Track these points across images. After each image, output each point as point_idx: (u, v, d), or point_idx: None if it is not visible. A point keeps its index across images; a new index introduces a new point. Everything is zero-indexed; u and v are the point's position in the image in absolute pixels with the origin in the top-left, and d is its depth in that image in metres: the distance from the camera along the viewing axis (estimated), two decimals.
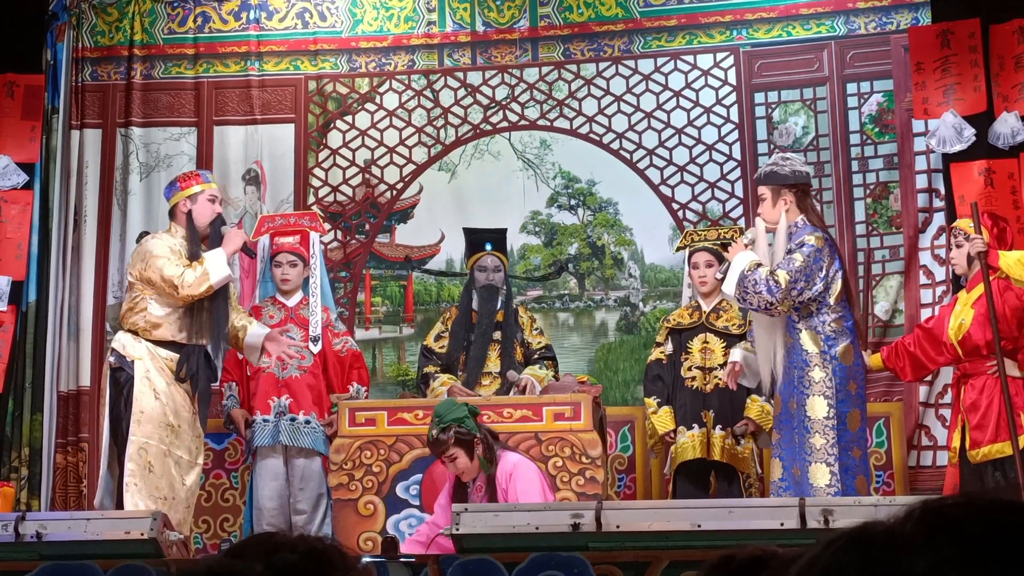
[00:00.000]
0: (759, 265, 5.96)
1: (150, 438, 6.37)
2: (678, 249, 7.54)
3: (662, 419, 7.00)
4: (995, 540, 1.19)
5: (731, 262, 6.10)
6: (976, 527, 1.20)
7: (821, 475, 5.81)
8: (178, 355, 6.49)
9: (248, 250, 6.82)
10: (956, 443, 6.47)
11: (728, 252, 6.35)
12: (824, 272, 5.94)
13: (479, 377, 7.11)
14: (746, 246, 6.13)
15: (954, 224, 6.81)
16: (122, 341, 6.53)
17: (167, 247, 6.50)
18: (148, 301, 6.50)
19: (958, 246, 6.58)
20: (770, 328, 6.11)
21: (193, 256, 6.51)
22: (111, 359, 6.53)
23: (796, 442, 5.92)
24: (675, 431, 6.96)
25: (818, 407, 5.88)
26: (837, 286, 5.99)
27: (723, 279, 6.15)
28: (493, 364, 7.22)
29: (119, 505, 6.31)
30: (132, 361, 6.45)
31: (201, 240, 6.63)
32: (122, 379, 6.46)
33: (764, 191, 6.17)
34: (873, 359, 6.76)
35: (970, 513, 1.21)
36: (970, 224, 6.55)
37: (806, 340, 5.95)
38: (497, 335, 7.25)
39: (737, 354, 6.47)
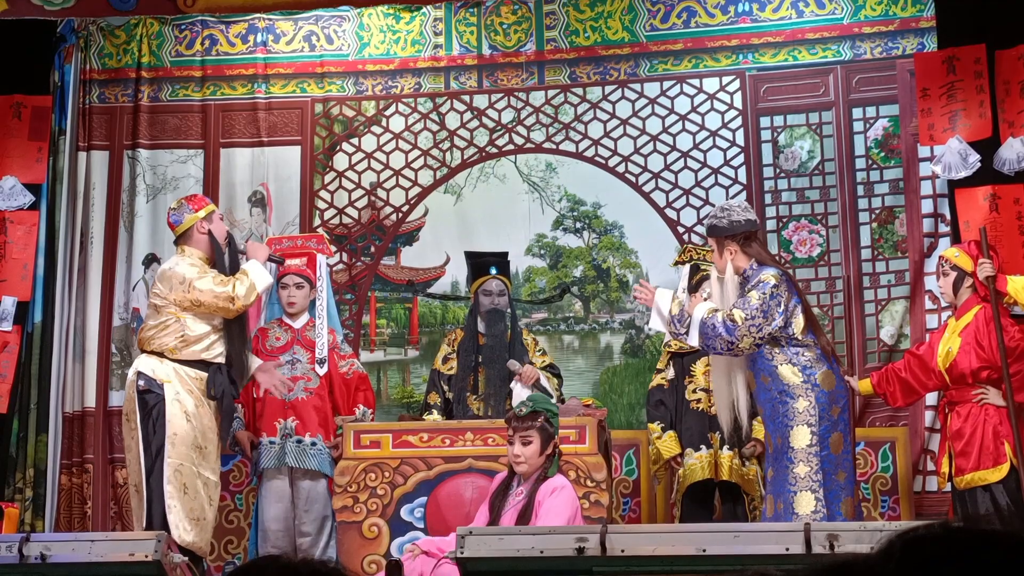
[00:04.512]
0: (716, 310, 6.06)
1: (183, 460, 6.41)
2: (675, 263, 7.55)
3: (667, 444, 7.01)
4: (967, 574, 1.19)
5: (692, 315, 6.20)
6: (951, 563, 1.20)
7: (806, 503, 5.87)
8: (206, 374, 6.53)
9: (275, 258, 6.94)
10: (945, 468, 6.52)
11: (688, 307, 6.53)
12: (783, 307, 6.00)
13: (504, 402, 7.07)
14: (704, 298, 6.29)
15: (941, 253, 6.87)
16: (149, 364, 6.53)
17: (199, 267, 6.57)
18: (183, 322, 6.53)
19: (944, 275, 6.66)
20: (728, 372, 6.26)
21: (224, 273, 6.59)
22: (139, 382, 6.52)
23: (780, 476, 5.98)
24: (682, 454, 6.98)
25: (801, 436, 5.93)
26: (799, 319, 6.06)
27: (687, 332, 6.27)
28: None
29: (162, 527, 6.29)
30: (162, 384, 6.47)
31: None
32: (151, 401, 6.47)
33: (711, 242, 6.32)
34: (863, 384, 6.78)
35: (946, 548, 1.21)
36: (955, 254, 6.67)
37: (786, 373, 6.01)
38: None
39: (661, 296, 6.35)
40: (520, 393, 7.06)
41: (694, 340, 6.18)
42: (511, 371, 7.11)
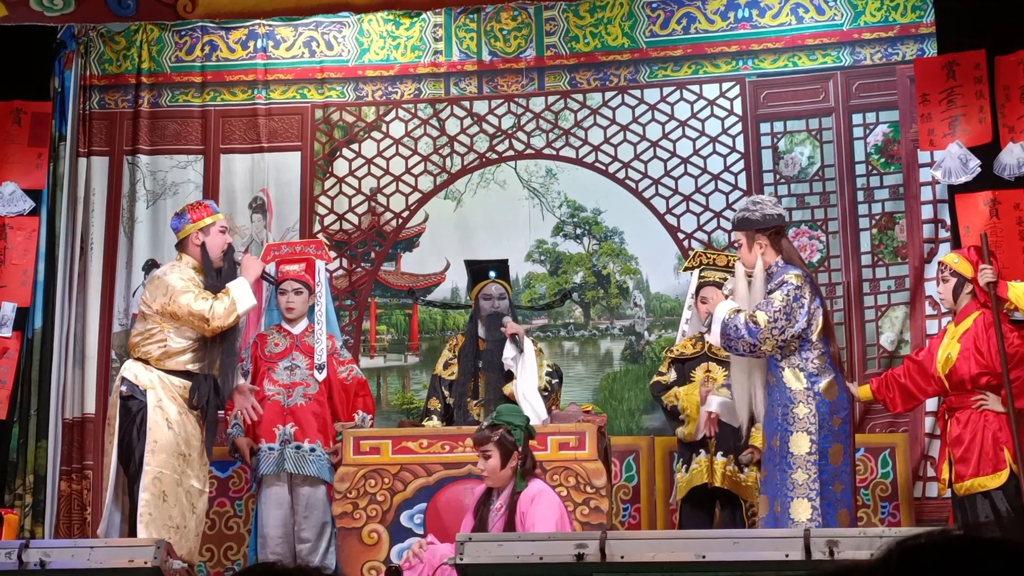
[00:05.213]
0: (738, 311, 6.04)
1: (164, 467, 6.37)
2: (685, 269, 7.56)
3: (689, 393, 6.95)
4: None
5: (713, 314, 6.17)
6: (950, 571, 1.19)
7: (803, 510, 5.87)
8: (190, 383, 6.51)
9: (268, 277, 6.89)
10: (945, 474, 6.51)
11: (708, 304, 6.48)
12: (805, 308, 5.99)
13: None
14: (726, 296, 6.25)
15: (941, 259, 6.87)
16: (133, 370, 6.52)
17: (186, 280, 6.51)
18: (166, 333, 6.51)
19: (944, 281, 6.65)
20: (748, 369, 6.22)
21: (211, 288, 6.53)
22: (122, 388, 6.51)
23: (778, 479, 5.97)
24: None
25: (801, 443, 5.92)
26: (818, 322, 6.05)
27: (708, 330, 6.25)
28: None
29: (131, 534, 6.30)
30: (144, 390, 6.45)
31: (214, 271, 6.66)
32: (134, 408, 6.45)
33: (739, 237, 6.28)
34: (862, 390, 6.77)
35: (944, 555, 1.21)
36: (955, 259, 6.66)
37: (789, 378, 5.99)
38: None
39: (714, 403, 6.51)
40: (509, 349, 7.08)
41: (715, 340, 6.17)
42: (504, 324, 7.12)
